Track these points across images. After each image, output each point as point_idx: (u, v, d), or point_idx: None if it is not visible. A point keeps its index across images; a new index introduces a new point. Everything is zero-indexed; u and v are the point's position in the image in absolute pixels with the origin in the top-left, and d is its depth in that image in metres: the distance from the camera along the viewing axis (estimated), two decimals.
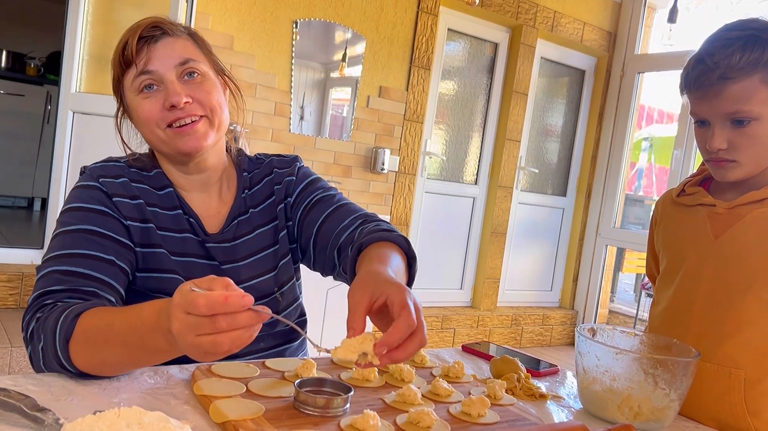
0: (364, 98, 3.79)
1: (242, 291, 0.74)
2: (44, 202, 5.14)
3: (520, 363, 1.14)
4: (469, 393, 0.97)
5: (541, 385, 1.10)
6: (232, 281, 0.76)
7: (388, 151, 3.84)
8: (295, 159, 1.28)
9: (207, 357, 0.75)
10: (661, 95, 6.33)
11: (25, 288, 2.89)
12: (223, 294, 0.72)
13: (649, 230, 1.38)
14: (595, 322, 4.93)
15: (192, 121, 1.06)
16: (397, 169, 3.96)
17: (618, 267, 5.85)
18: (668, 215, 1.31)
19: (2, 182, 5.11)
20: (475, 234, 4.54)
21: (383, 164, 3.83)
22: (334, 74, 3.73)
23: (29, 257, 3.06)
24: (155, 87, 1.06)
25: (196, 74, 1.08)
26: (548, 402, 1.06)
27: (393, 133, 3.93)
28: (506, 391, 1.04)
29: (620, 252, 5.52)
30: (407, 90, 3.93)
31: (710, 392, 1.13)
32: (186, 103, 1.05)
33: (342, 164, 3.76)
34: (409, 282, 1.02)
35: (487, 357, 1.28)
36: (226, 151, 1.21)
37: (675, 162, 4.48)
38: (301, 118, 3.59)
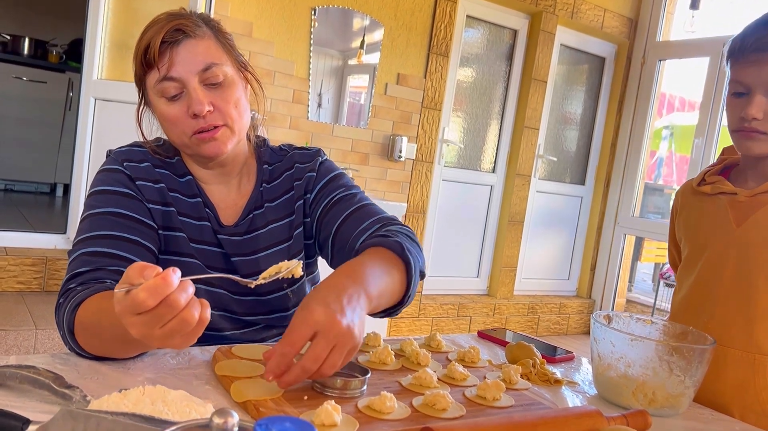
0: (382, 85, 3.79)
1: (158, 267, 0.71)
2: (66, 188, 5.22)
3: (535, 349, 1.15)
4: (485, 378, 0.98)
5: (556, 371, 1.11)
6: (145, 263, 0.73)
7: (405, 139, 3.84)
8: (317, 153, 1.25)
9: (185, 340, 0.74)
10: (682, 83, 6.22)
11: (48, 272, 2.95)
12: (159, 276, 0.69)
13: (670, 220, 1.38)
14: (612, 311, 4.90)
15: (214, 127, 1.07)
16: (414, 157, 3.96)
17: (636, 256, 5.80)
18: (689, 204, 1.31)
19: (25, 168, 5.19)
20: (492, 223, 4.53)
21: (401, 152, 3.83)
22: (352, 61, 3.73)
23: (52, 242, 3.12)
24: (178, 95, 1.06)
25: (219, 78, 1.07)
26: (563, 387, 1.07)
27: (411, 120, 3.92)
28: (521, 376, 1.05)
29: (639, 242, 5.47)
30: (425, 77, 3.92)
31: (734, 378, 1.14)
32: (208, 111, 1.05)
33: (359, 152, 3.77)
34: (408, 286, 1.00)
35: (502, 343, 1.29)
36: (247, 139, 1.20)
37: (696, 151, 4.42)
38: (319, 105, 3.60)
